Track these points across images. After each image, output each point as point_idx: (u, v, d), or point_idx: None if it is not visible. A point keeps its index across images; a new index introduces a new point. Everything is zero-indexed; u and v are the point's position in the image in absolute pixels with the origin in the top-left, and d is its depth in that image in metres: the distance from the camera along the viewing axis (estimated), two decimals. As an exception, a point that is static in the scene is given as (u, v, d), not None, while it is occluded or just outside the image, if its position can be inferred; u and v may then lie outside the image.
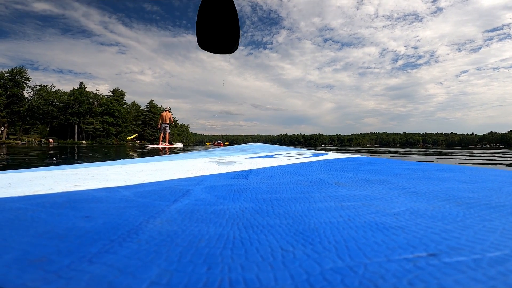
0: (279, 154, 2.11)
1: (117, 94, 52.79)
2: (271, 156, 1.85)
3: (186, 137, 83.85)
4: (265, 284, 0.18)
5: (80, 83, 49.44)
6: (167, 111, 10.86)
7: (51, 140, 36.36)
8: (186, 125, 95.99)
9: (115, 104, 50.45)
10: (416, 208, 0.39)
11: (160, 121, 10.54)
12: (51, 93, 42.76)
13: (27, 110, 39.27)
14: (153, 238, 0.27)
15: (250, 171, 0.94)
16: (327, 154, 2.11)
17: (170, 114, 10.76)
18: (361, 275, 0.19)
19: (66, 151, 5.38)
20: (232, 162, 1.34)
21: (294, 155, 1.93)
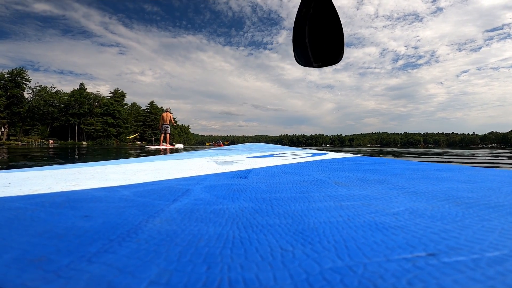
0: (279, 154, 2.11)
1: (118, 95, 52.75)
2: (271, 156, 1.85)
3: (186, 138, 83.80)
4: (264, 283, 0.18)
5: (80, 84, 49.40)
6: (168, 111, 10.80)
7: (51, 141, 36.35)
8: (186, 125, 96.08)
9: (116, 105, 50.40)
10: (416, 208, 0.39)
11: (161, 122, 10.51)
12: (51, 94, 42.69)
13: (27, 111, 39.21)
14: (153, 237, 0.27)
15: (250, 170, 0.94)
16: (326, 154, 2.11)
17: (170, 115, 10.71)
18: (360, 274, 0.19)
19: (67, 153, 5.35)
20: (232, 161, 1.34)
21: (294, 155, 1.93)
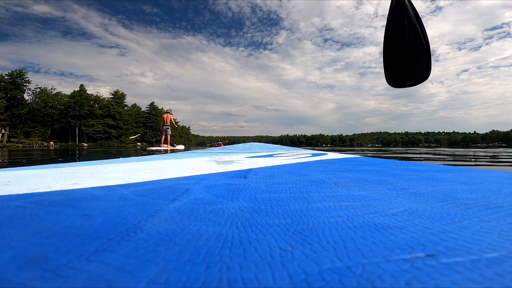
0: (279, 154, 2.11)
1: (118, 96, 52.67)
2: (271, 156, 1.85)
3: (187, 139, 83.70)
4: (263, 283, 0.18)
5: (81, 86, 49.31)
6: (168, 113, 10.76)
7: (52, 143, 36.31)
8: (187, 126, 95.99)
9: (116, 106, 50.33)
10: (415, 208, 0.39)
11: (161, 123, 10.48)
12: (51, 95, 42.60)
13: (27, 113, 39.13)
14: (152, 237, 0.27)
15: (249, 170, 0.94)
16: (326, 154, 2.11)
17: (171, 116, 10.68)
18: (359, 275, 0.19)
19: (67, 155, 5.31)
20: (232, 161, 1.34)
21: (294, 155, 1.93)
